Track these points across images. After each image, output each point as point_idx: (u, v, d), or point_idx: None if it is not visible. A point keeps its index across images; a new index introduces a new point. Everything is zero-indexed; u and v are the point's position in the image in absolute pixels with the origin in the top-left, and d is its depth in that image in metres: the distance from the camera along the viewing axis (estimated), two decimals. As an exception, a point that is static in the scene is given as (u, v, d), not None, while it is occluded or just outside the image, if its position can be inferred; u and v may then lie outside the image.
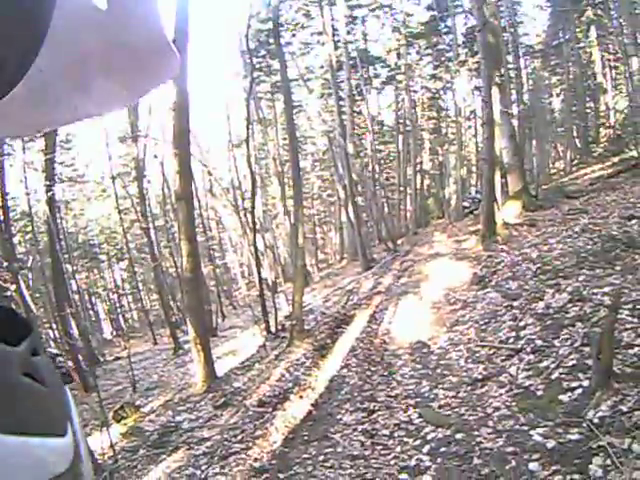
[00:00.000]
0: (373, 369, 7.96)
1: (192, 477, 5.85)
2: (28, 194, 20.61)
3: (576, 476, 3.42)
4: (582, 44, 25.19)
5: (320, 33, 24.10)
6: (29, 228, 23.88)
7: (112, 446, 7.09)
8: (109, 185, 25.17)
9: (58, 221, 19.58)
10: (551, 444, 3.90)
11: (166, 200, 24.19)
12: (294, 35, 26.38)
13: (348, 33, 25.16)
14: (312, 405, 7.12)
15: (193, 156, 12.20)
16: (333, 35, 21.63)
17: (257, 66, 22.33)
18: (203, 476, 5.81)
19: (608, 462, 3.40)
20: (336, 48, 22.28)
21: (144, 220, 18.83)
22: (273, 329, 12.38)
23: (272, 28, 13.90)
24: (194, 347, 9.47)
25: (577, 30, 24.92)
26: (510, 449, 4.12)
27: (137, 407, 9.23)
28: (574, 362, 4.90)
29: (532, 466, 3.74)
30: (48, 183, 12.04)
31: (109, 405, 9.70)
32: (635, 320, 5.06)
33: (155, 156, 22.09)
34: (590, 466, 3.44)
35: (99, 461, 6.91)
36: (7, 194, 17.00)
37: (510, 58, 23.02)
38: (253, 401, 7.85)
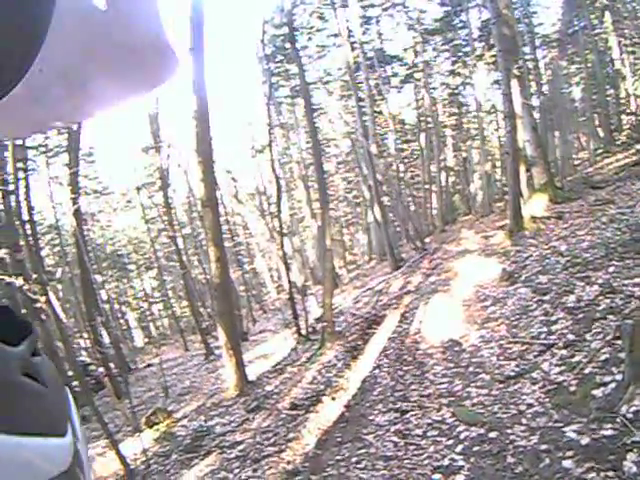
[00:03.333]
0: (405, 369, 7.93)
1: (225, 481, 5.84)
2: (54, 208, 21.02)
3: (610, 473, 3.36)
4: (598, 30, 24.80)
5: (335, 35, 24.05)
6: (57, 241, 24.33)
7: (144, 451, 7.19)
8: (134, 196, 25.51)
9: (85, 233, 19.87)
10: (585, 441, 3.84)
11: (192, 208, 24.47)
12: (310, 39, 26.36)
13: (363, 34, 25.06)
14: (344, 407, 7.15)
15: (216, 163, 12.29)
16: (348, 36, 21.54)
17: (275, 71, 22.40)
18: (236, 479, 5.83)
19: (643, 458, 3.36)
20: (352, 49, 22.16)
21: (171, 228, 18.99)
22: (304, 332, 12.39)
23: (287, 32, 13.96)
24: (225, 352, 9.53)
25: (592, 17, 24.54)
26: (544, 447, 4.06)
27: (169, 413, 9.32)
28: (607, 356, 4.83)
29: (566, 463, 3.70)
30: (73, 196, 12.22)
31: (141, 411, 9.82)
32: (665, 313, 4.99)
33: (179, 165, 22.32)
34: (624, 462, 3.39)
35: (131, 467, 7.00)
36: (33, 208, 17.36)
37: (527, 49, 22.78)
38: (285, 404, 7.90)
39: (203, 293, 24.85)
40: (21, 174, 14.98)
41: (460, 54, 26.54)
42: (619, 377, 4.36)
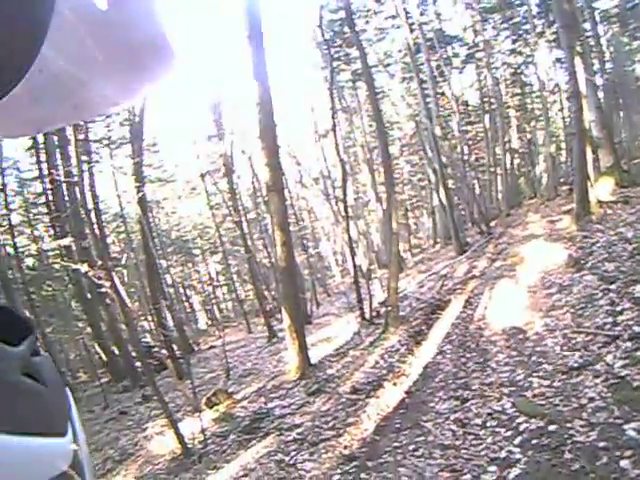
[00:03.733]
0: (468, 356, 7.88)
1: (280, 463, 5.97)
2: (119, 196, 21.73)
3: None
4: None
5: (393, 17, 23.76)
6: (122, 228, 25.14)
7: (203, 431, 7.38)
8: (199, 183, 25.99)
9: (150, 220, 20.41)
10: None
11: (256, 193, 24.69)
12: (367, 22, 26.10)
13: (421, 14, 24.66)
14: (405, 393, 7.15)
15: (280, 148, 12.40)
16: (406, 17, 21.25)
17: (335, 56, 22.28)
18: (292, 462, 5.92)
19: None
20: (411, 31, 21.84)
21: (236, 214, 19.29)
22: (368, 316, 12.42)
23: (345, 17, 13.89)
24: (289, 335, 9.63)
25: None
26: (602, 444, 3.98)
27: (230, 394, 9.47)
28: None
29: (623, 463, 3.62)
30: (138, 185, 12.58)
31: (202, 392, 10.05)
32: None
33: (243, 152, 22.57)
34: None
35: (189, 445, 7.21)
36: (98, 197, 18.01)
37: (587, 25, 21.89)
38: (346, 388, 7.93)
39: (267, 277, 25.12)
40: (85, 166, 15.55)
41: (520, 32, 25.77)
42: (684, 374, 4.25)
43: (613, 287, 7.19)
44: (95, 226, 15.20)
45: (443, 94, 25.98)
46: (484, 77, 26.68)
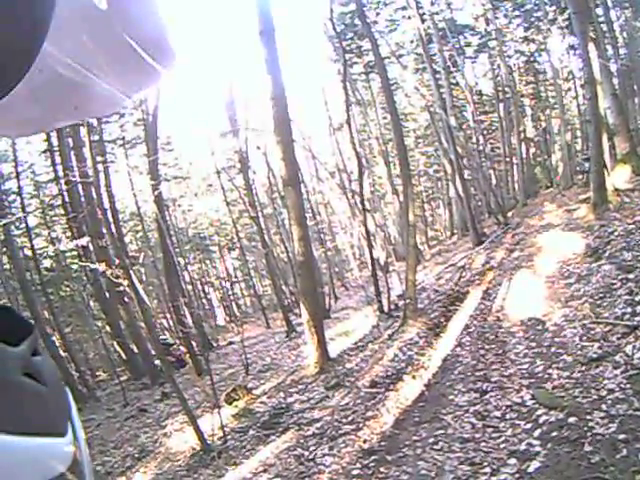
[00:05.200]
0: (487, 348, 7.87)
1: (300, 458, 5.99)
2: (135, 195, 21.87)
3: None
4: None
5: (404, 8, 23.64)
6: (139, 227, 25.32)
7: (222, 427, 7.42)
8: (215, 180, 26.10)
9: (167, 218, 20.57)
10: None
11: (272, 188, 24.80)
12: (378, 14, 26.01)
13: (432, 4, 24.55)
14: (425, 385, 7.14)
15: (296, 142, 12.42)
16: (417, 8, 21.13)
17: (347, 48, 22.22)
18: (311, 457, 5.94)
19: None
20: (423, 21, 21.72)
21: (252, 209, 19.38)
22: (386, 309, 12.43)
23: (356, 9, 13.85)
24: (307, 329, 9.66)
25: None
26: (622, 436, 3.96)
27: (249, 389, 9.51)
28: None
29: None
30: (153, 183, 12.66)
31: (221, 388, 10.07)
32: None
33: (258, 147, 22.64)
34: None
35: (208, 442, 7.26)
36: (114, 197, 18.15)
37: (600, 11, 21.60)
38: (365, 382, 7.93)
39: (285, 271, 25.19)
40: (101, 167, 15.69)
41: (532, 19, 25.53)
42: None
43: (632, 276, 7.12)
44: (112, 225, 15.35)
45: (457, 84, 25.85)
46: (497, 66, 26.52)
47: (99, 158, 15.74)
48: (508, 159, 26.64)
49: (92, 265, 10.97)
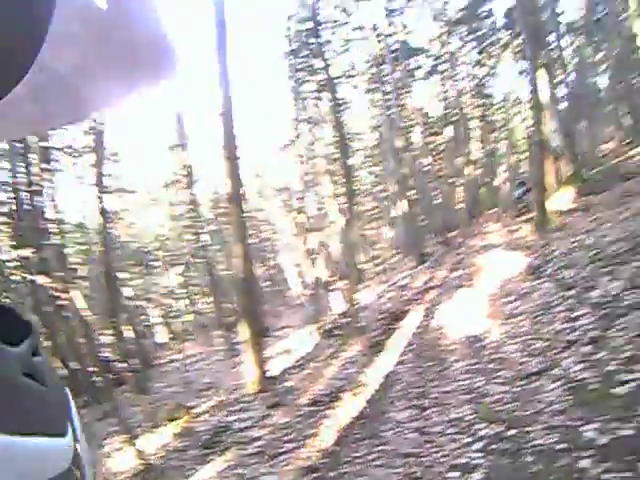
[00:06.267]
0: (427, 365, 7.94)
1: (241, 477, 5.90)
2: (79, 207, 21.34)
3: (629, 474, 3.26)
4: (623, 16, 24.37)
5: (360, 28, 24.02)
6: (82, 239, 24.76)
7: (163, 447, 7.26)
8: (160, 194, 25.83)
9: (110, 231, 20.16)
10: (603, 440, 3.73)
11: (217, 204, 24.64)
12: (334, 33, 26.32)
13: (388, 26, 25.03)
14: (365, 403, 7.16)
15: (241, 159, 12.38)
16: (373, 29, 21.50)
17: (300, 66, 22.38)
18: (252, 475, 5.85)
19: (663, 460, 3.25)
20: (377, 42, 22.15)
21: (196, 225, 19.19)
22: (327, 327, 12.41)
23: (311, 27, 13.96)
24: (247, 348, 9.60)
25: (616, 2, 24.14)
26: (562, 446, 3.97)
27: (189, 408, 9.42)
28: (629, 354, 4.71)
29: (583, 463, 3.60)
30: (99, 195, 12.40)
31: (162, 407, 9.93)
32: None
33: (204, 162, 22.53)
34: None
35: (150, 461, 7.07)
36: (58, 207, 17.66)
37: (552, 38, 22.47)
38: (305, 400, 7.95)
39: (227, 289, 25.04)
40: (46, 175, 15.28)
41: (485, 44, 26.31)
42: (640, 376, 4.26)
43: (571, 293, 7.26)
44: (55, 237, 14.93)
45: (406, 105, 26.29)
46: (447, 88, 27.11)
47: (46, 166, 15.33)
48: (453, 180, 27.17)
49: (33, 277, 10.65)
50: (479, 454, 4.55)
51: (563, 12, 26.12)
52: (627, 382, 4.30)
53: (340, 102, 23.36)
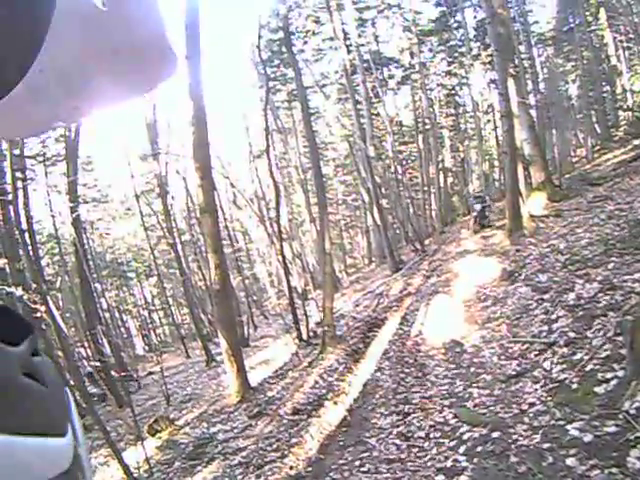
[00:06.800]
0: (407, 371, 7.95)
1: (228, 488, 5.82)
2: (53, 217, 21.02)
3: (614, 469, 3.35)
4: (593, 27, 24.92)
5: (332, 38, 24.13)
6: (57, 250, 24.37)
7: (147, 460, 7.17)
8: (133, 203, 25.51)
9: (85, 241, 19.88)
10: (588, 438, 3.83)
11: (191, 214, 24.47)
12: (306, 42, 26.39)
13: (359, 36, 25.19)
14: (347, 410, 7.12)
15: (214, 169, 12.31)
16: (345, 39, 21.63)
17: (272, 76, 22.41)
18: None
19: (648, 453, 3.34)
20: (349, 52, 22.28)
21: (170, 236, 19.04)
22: (305, 337, 12.38)
23: (283, 37, 13.98)
24: (226, 358, 9.53)
25: (587, 13, 24.68)
26: (546, 445, 4.05)
27: (171, 420, 9.32)
28: (608, 353, 4.81)
29: (569, 461, 3.68)
30: (72, 205, 12.25)
31: (144, 419, 9.79)
32: (668, 305, 4.99)
33: (177, 172, 22.37)
34: (628, 459, 3.38)
35: (134, 475, 6.98)
36: (32, 217, 17.38)
37: (522, 48, 22.83)
38: (287, 409, 7.86)
39: (203, 300, 24.84)
40: (20, 184, 15.01)
41: (456, 54, 26.65)
42: (621, 374, 4.36)
43: (547, 296, 7.40)
44: (30, 247, 14.68)
45: (378, 115, 26.45)
46: (419, 98, 27.35)
47: (19, 174, 15.06)
48: (426, 188, 27.39)
49: (8, 289, 10.44)
50: (464, 457, 4.58)
51: (536, 22, 26.79)
52: (608, 380, 4.40)
53: (312, 111, 23.45)
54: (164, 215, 20.20)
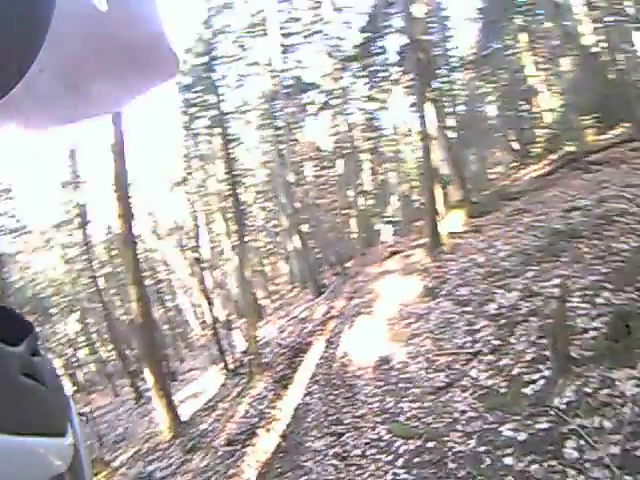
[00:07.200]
0: (336, 393, 7.96)
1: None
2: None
3: (553, 462, 3.49)
4: (512, 51, 26.15)
5: (255, 64, 24.24)
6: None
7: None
8: (53, 235, 24.64)
9: (4, 276, 19.02)
10: (522, 437, 3.97)
11: (111, 245, 23.87)
12: (229, 68, 26.38)
13: (283, 62, 25.41)
14: (281, 437, 7.13)
15: (134, 198, 12.08)
16: (268, 65, 21.80)
17: (193, 102, 22.24)
18: None
19: (582, 443, 3.50)
20: (272, 77, 22.46)
21: (91, 268, 18.48)
22: (232, 366, 12.26)
23: (207, 62, 13.96)
24: (155, 394, 9.38)
25: (507, 37, 25.91)
26: (483, 448, 4.16)
27: (106, 463, 9.06)
28: (533, 355, 5.01)
29: (507, 460, 3.80)
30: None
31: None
32: (587, 306, 5.24)
33: (97, 201, 21.81)
34: (564, 450, 3.53)
35: None
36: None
37: (443, 71, 23.58)
38: (222, 441, 7.85)
39: (128, 334, 24.19)
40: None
41: (377, 79, 27.24)
42: (547, 373, 4.54)
43: (469, 309, 7.60)
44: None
45: (297, 140, 26.66)
46: (339, 123, 27.74)
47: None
48: (346, 211, 27.68)
49: None
50: (403, 470, 4.63)
51: (456, 47, 27.85)
52: (535, 381, 4.57)
53: (232, 138, 23.38)
54: (85, 246, 19.60)
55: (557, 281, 6.19)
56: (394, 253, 16.78)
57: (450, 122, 21.57)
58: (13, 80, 0.36)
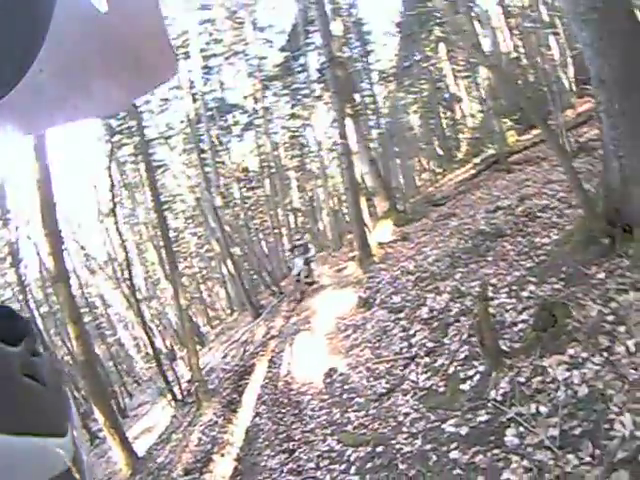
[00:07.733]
0: (283, 411, 8.02)
1: None
2: None
3: (496, 450, 3.72)
4: (433, 61, 26.84)
5: (177, 87, 24.04)
6: None
7: None
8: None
9: None
10: (464, 431, 4.20)
11: (46, 283, 23.03)
12: (152, 93, 26.01)
13: (205, 84, 25.26)
14: (235, 460, 7.16)
15: (64, 232, 11.73)
16: (190, 88, 21.65)
17: (117, 129, 21.79)
18: None
19: (521, 430, 3.75)
20: (194, 101, 22.27)
21: (26, 308, 17.73)
22: (180, 397, 12.11)
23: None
24: (107, 433, 9.14)
25: (427, 49, 26.59)
26: (429, 446, 4.36)
27: None
28: (466, 353, 5.29)
29: (453, 455, 4.02)
30: None
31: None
32: (513, 300, 5.59)
33: (28, 237, 20.93)
34: (505, 438, 3.77)
35: None
36: None
37: (365, 85, 23.97)
38: (179, 471, 7.78)
39: (72, 374, 23.34)
40: None
41: (299, 97, 27.43)
42: (481, 369, 4.82)
43: (402, 315, 7.82)
44: None
45: (223, 163, 26.53)
46: (263, 143, 27.76)
47: None
48: (277, 230, 27.69)
49: None
50: (357, 476, 4.79)
51: (378, 60, 28.34)
52: (471, 377, 4.84)
53: (158, 164, 23.06)
54: (18, 286, 18.78)
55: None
56: (329, 267, 16.93)
57: (374, 134, 22.01)
58: (13, 80, 0.38)
